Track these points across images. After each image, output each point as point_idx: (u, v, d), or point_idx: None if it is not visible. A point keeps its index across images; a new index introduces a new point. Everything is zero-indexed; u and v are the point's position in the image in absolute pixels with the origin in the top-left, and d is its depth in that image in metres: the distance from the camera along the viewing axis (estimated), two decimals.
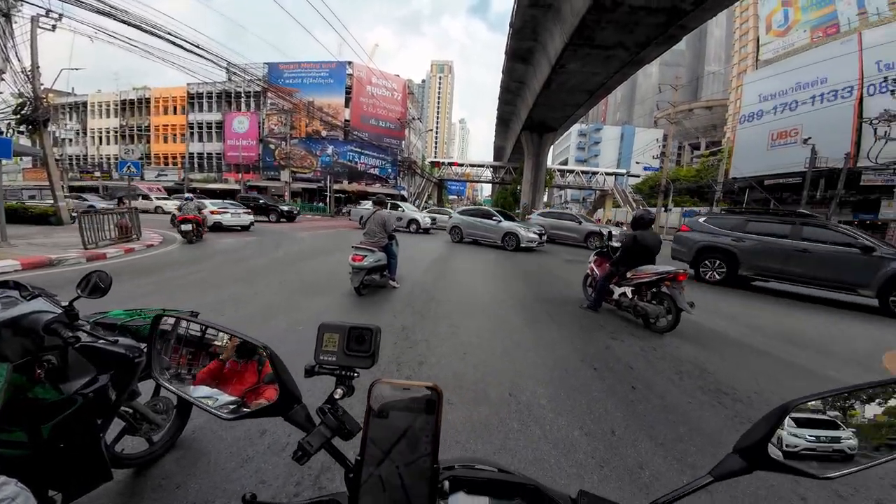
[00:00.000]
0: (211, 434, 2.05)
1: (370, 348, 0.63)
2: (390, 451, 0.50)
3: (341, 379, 0.63)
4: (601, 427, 2.38)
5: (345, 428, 0.58)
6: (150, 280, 5.74)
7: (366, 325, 0.64)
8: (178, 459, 1.86)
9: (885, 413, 0.59)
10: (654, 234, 5.00)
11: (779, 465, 0.51)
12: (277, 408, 0.58)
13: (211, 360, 0.74)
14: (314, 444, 0.54)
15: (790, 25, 33.00)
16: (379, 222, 5.77)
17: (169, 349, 0.76)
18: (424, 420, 0.50)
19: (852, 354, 4.28)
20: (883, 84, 18.45)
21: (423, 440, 0.50)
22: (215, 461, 1.86)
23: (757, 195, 26.87)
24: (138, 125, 42.88)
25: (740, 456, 0.52)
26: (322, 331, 0.64)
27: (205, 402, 0.64)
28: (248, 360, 0.70)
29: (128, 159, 11.36)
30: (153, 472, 1.76)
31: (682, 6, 10.83)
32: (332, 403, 0.60)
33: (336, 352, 0.63)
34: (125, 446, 1.75)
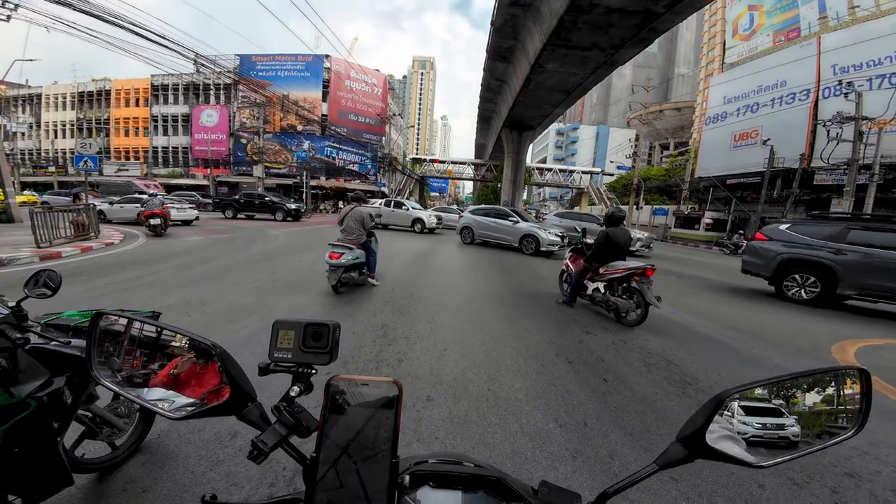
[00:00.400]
0: (178, 438, 1.99)
1: (328, 345, 0.62)
2: (347, 447, 0.49)
3: (298, 376, 0.62)
4: (575, 419, 2.46)
5: (302, 425, 0.57)
6: (109, 280, 5.42)
7: (323, 321, 0.63)
8: (143, 463, 1.80)
9: (824, 401, 0.64)
10: (625, 231, 5.18)
11: (716, 454, 0.53)
12: (229, 406, 0.57)
13: (168, 361, 0.72)
14: (268, 443, 0.53)
15: (755, 29, 34.62)
16: (357, 219, 5.69)
17: (122, 351, 0.74)
18: (383, 415, 0.50)
19: (808, 348, 4.60)
20: (837, 87, 19.61)
21: (382, 435, 0.50)
22: (184, 464, 1.81)
23: (719, 194, 28.26)
24: (97, 118, 40.38)
25: (682, 445, 0.55)
26: (276, 327, 0.63)
27: (160, 405, 0.62)
28: (207, 361, 0.67)
29: (84, 153, 10.66)
30: (117, 476, 1.71)
31: (654, 9, 11.20)
32: (289, 401, 0.59)
33: (291, 349, 0.62)
34: (86, 451, 1.69)
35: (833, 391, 0.62)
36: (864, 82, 20.58)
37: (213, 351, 0.59)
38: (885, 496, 1.91)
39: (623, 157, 53.10)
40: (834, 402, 0.63)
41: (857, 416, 0.60)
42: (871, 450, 2.31)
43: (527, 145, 29.72)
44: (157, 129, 39.04)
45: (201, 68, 25.04)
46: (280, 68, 35.68)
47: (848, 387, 0.64)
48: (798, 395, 0.62)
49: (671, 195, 37.88)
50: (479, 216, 13.67)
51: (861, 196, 17.15)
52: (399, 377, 2.90)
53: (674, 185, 36.74)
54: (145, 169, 37.26)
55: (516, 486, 0.56)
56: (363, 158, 37.07)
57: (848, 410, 0.62)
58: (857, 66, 22.03)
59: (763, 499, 1.82)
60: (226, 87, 36.37)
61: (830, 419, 0.62)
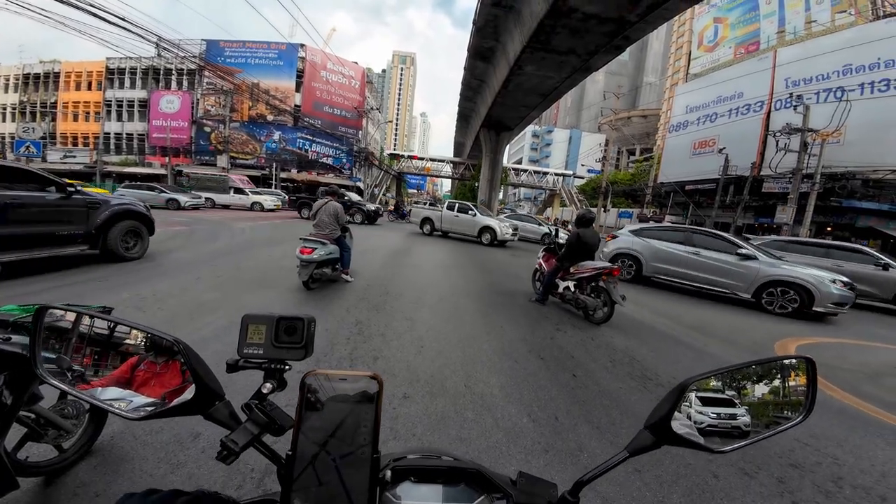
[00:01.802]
0: (134, 440, 1.88)
1: (302, 339, 0.61)
2: (326, 443, 0.48)
3: (270, 372, 0.60)
4: (546, 413, 2.55)
5: (275, 423, 0.55)
6: (52, 274, 4.99)
7: (297, 315, 0.61)
8: (95, 466, 1.69)
9: (770, 392, 0.71)
10: (595, 232, 5.40)
11: (681, 440, 0.57)
12: (195, 405, 0.54)
13: (123, 360, 0.68)
14: (239, 442, 0.51)
15: (718, 41, 36.66)
16: (331, 213, 5.55)
17: (70, 348, 0.69)
18: (363, 410, 0.50)
19: (751, 344, 4.99)
20: (788, 100, 21.11)
21: (361, 430, 0.49)
22: (140, 467, 1.72)
23: (679, 198, 29.92)
24: (43, 102, 37.07)
25: (650, 432, 0.58)
26: (246, 322, 0.61)
27: (115, 405, 0.58)
28: (168, 359, 0.64)
29: (27, 138, 9.77)
30: (66, 480, 1.60)
31: (628, 17, 11.66)
32: (261, 398, 0.57)
33: (263, 344, 0.60)
34: (30, 454, 1.57)
35: (780, 381, 0.68)
36: (812, 95, 22.22)
37: (176, 347, 0.56)
38: (827, 486, 2.08)
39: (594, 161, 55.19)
40: (781, 391, 0.68)
41: (804, 403, 0.66)
42: (811, 441, 2.52)
43: (504, 146, 30.11)
44: (110, 115, 36.30)
45: (164, 52, 23.54)
46: (251, 56, 34.09)
47: (792, 378, 0.71)
48: (749, 386, 0.67)
49: (636, 199, 39.70)
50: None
51: (803, 203, 18.67)
52: None
53: (639, 189, 38.51)
54: (94, 156, 34.50)
55: (495, 478, 0.57)
56: (338, 152, 36.17)
57: (795, 399, 0.68)
58: (808, 79, 23.72)
59: (717, 488, 1.96)
60: (190, 72, 34.30)
61: (779, 408, 0.68)
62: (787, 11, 30.78)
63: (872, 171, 19.88)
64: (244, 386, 2.17)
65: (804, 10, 29.62)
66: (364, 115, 38.23)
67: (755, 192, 23.84)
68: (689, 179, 29.29)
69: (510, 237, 14.72)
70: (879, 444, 2.61)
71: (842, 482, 2.14)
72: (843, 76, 21.92)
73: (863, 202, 20.32)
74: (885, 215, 20.22)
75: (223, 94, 33.38)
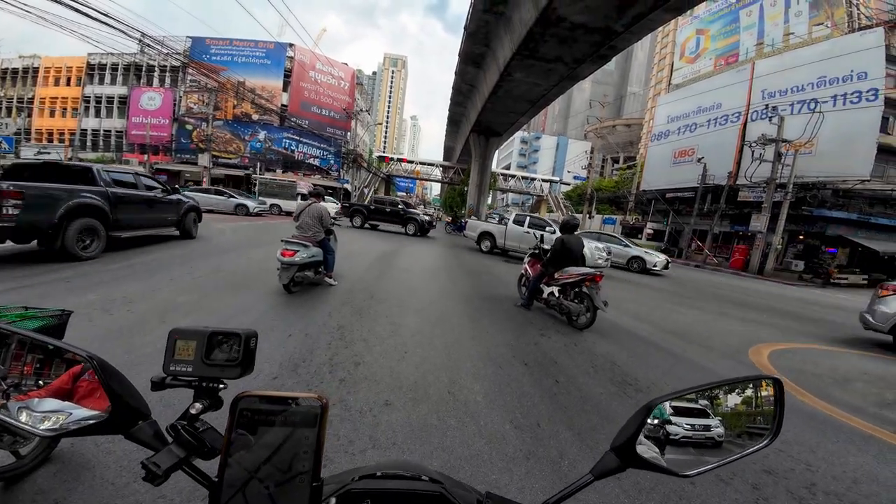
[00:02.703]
0: (95, 447, 1.80)
1: (238, 356, 0.57)
2: (258, 469, 0.45)
3: (201, 391, 0.57)
4: (529, 420, 2.54)
5: (206, 446, 0.51)
6: (16, 273, 4.73)
7: (231, 330, 0.58)
8: (55, 473, 1.63)
9: (743, 403, 0.70)
10: (578, 238, 5.48)
11: (647, 464, 0.55)
12: (112, 424, 0.50)
13: (67, 368, 0.64)
14: (162, 465, 0.47)
15: (700, 53, 37.75)
16: (315, 216, 5.46)
17: (9, 356, 0.65)
18: (303, 434, 0.47)
19: (726, 349, 5.12)
20: (764, 111, 21.82)
21: (300, 457, 0.46)
22: (102, 475, 1.65)
23: (660, 206, 30.68)
24: (19, 97, 35.64)
25: (615, 454, 0.56)
26: (173, 337, 0.57)
27: (53, 418, 0.54)
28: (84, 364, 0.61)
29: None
30: (24, 486, 1.54)
31: (614, 27, 11.96)
32: (189, 419, 0.53)
33: (192, 361, 0.56)
34: None
35: (751, 398, 0.68)
36: (787, 107, 22.89)
37: (89, 363, 0.52)
38: (800, 493, 2.12)
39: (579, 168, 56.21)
40: (753, 401, 0.68)
41: (771, 425, 0.65)
42: (784, 448, 2.56)
43: (493, 151, 30.40)
44: (88, 111, 35.09)
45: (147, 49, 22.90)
46: (237, 54, 33.48)
47: (764, 388, 0.70)
48: (721, 397, 0.66)
49: (619, 206, 40.54)
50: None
51: (777, 212, 19.38)
52: (356, 381, 2.83)
53: (622, 196, 39.36)
54: (70, 152, 33.23)
55: (459, 500, 0.54)
56: (325, 153, 35.77)
57: (768, 409, 0.67)
58: (783, 91, 24.41)
59: (694, 495, 1.98)
60: (173, 69, 33.45)
61: (752, 418, 0.67)
62: (766, 24, 31.86)
63: (842, 181, 20.77)
64: None
65: (783, 23, 30.68)
66: (353, 117, 37.96)
67: (731, 200, 24.61)
68: (669, 187, 30.04)
69: (603, 263, 10.84)
70: (850, 450, 2.68)
71: (815, 488, 2.18)
72: (818, 88, 22.59)
73: (832, 211, 21.20)
74: (854, 224, 21.15)
75: (207, 92, 32.63)
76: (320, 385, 2.72)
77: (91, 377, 0.62)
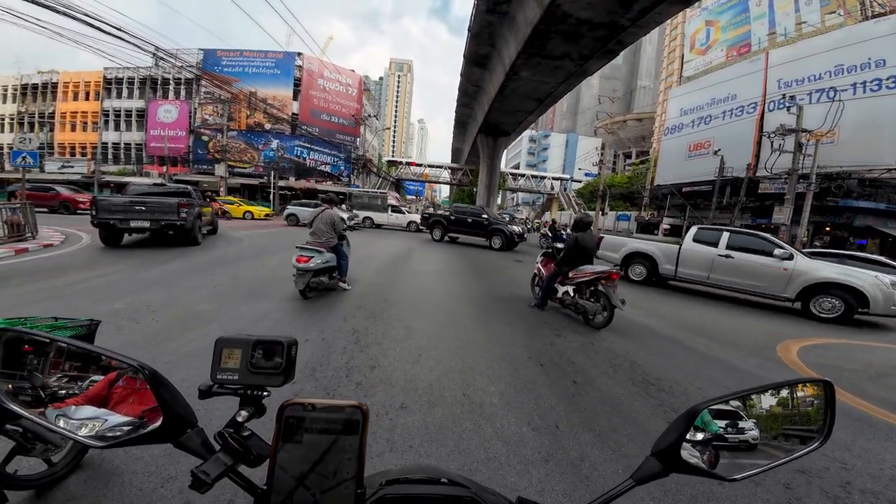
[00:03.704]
0: (124, 453, 1.83)
1: (282, 364, 0.57)
2: (304, 477, 0.46)
3: (247, 399, 0.57)
4: (546, 422, 2.49)
5: (252, 454, 0.52)
6: (45, 284, 4.93)
7: (275, 338, 0.58)
8: (85, 480, 1.67)
9: (779, 404, 0.67)
10: (592, 236, 5.37)
11: (692, 468, 0.54)
12: (163, 433, 0.51)
13: (104, 374, 0.65)
14: (211, 473, 0.48)
15: (710, 44, 37.01)
16: (327, 222, 5.53)
17: (47, 364, 0.67)
18: (346, 442, 0.47)
19: (754, 346, 4.94)
20: (781, 101, 21.22)
21: (344, 464, 0.47)
22: (131, 481, 1.69)
23: (676, 201, 30.01)
24: (41, 112, 37.16)
25: (657, 459, 0.55)
26: (220, 345, 0.57)
27: (90, 425, 0.55)
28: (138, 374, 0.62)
29: (23, 149, 9.70)
30: (56, 493, 1.58)
31: (620, 22, 11.80)
32: (235, 427, 0.54)
33: (238, 369, 0.57)
34: (19, 467, 1.53)
35: (787, 399, 0.65)
36: (805, 96, 22.28)
37: (141, 373, 0.53)
38: (835, 492, 2.04)
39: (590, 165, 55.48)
40: (790, 402, 0.65)
41: (821, 428, 0.62)
42: None
43: (501, 151, 30.31)
44: (108, 124, 36.39)
45: (161, 62, 23.67)
46: (248, 64, 34.28)
47: (800, 389, 0.67)
48: (753, 398, 0.64)
49: (633, 202, 39.79)
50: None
51: (800, 204, 18.72)
52: (371, 385, 2.83)
53: (636, 192, 38.63)
54: (92, 166, 34.52)
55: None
56: (336, 159, 36.25)
57: (804, 411, 0.65)
58: (800, 80, 23.80)
59: (723, 496, 1.91)
60: (187, 81, 34.46)
61: (788, 419, 0.64)
62: (777, 13, 31.13)
63: (868, 170, 19.96)
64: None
65: (794, 12, 29.93)
66: (361, 123, 38.38)
67: (751, 192, 23.91)
68: (685, 181, 29.36)
69: None
70: (887, 447, 2.56)
71: (850, 487, 2.09)
72: (835, 76, 21.96)
73: (859, 201, 20.35)
74: (883, 214, 20.26)
75: (221, 103, 33.49)
76: (338, 389, 2.74)
77: (126, 384, 0.63)
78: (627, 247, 9.41)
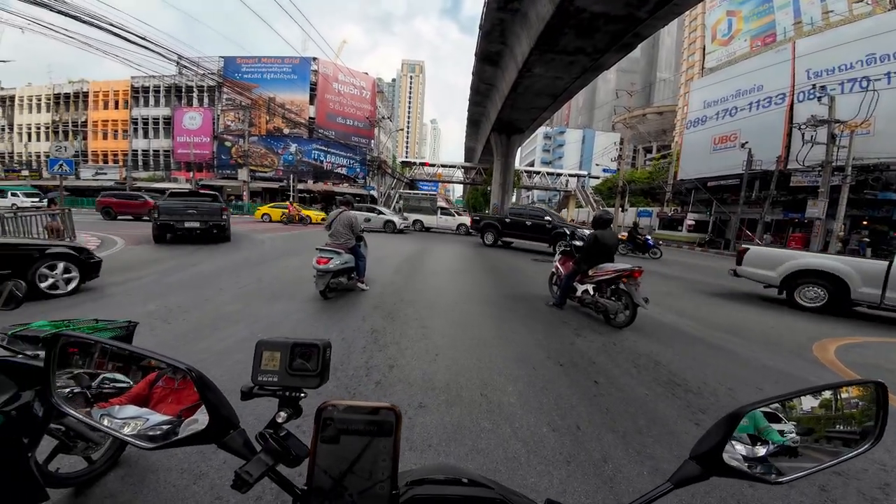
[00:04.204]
0: (159, 451, 1.90)
1: (317, 366, 0.58)
2: (342, 478, 0.47)
3: (285, 401, 0.58)
4: (567, 422, 2.45)
5: (290, 454, 0.53)
6: (84, 287, 5.21)
7: (311, 341, 0.59)
8: (123, 477, 1.73)
9: (822, 406, 0.63)
10: (613, 233, 5.25)
11: (734, 472, 0.53)
12: (209, 434, 0.53)
13: (144, 375, 0.68)
14: (253, 474, 0.50)
15: (733, 35, 35.60)
16: (346, 223, 5.62)
17: (92, 364, 0.69)
18: (381, 443, 0.48)
19: (789, 346, 4.72)
20: (811, 91, 20.34)
21: (379, 465, 0.47)
22: (165, 478, 1.75)
23: (701, 196, 28.98)
24: (74, 121, 39.17)
25: (697, 462, 0.54)
26: (260, 348, 0.59)
27: (132, 424, 0.58)
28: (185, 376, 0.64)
29: (60, 157, 10.26)
30: (95, 491, 1.64)
31: (637, 14, 11.47)
32: (275, 428, 0.56)
33: (277, 371, 0.58)
34: (61, 465, 1.61)
35: (830, 401, 0.62)
36: (836, 86, 21.21)
37: (189, 375, 0.55)
38: (873, 494, 1.94)
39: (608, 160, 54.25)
40: (833, 405, 0.62)
41: (870, 430, 0.60)
42: None
43: (515, 148, 29.99)
44: (136, 132, 38.08)
45: (184, 70, 24.61)
46: (266, 71, 35.23)
47: (844, 391, 0.63)
48: (793, 399, 0.62)
49: (655, 197, 38.69)
50: None
51: (835, 197, 17.76)
52: (391, 383, 2.86)
53: (657, 187, 37.53)
54: (124, 172, 36.22)
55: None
56: (352, 161, 36.79)
57: (848, 413, 0.62)
58: (830, 70, 22.76)
59: (755, 498, 1.84)
60: (209, 89, 35.69)
61: (831, 423, 0.62)
62: (801, 2, 29.74)
63: None
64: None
65: (819, 1, 28.53)
66: (375, 125, 38.81)
67: (783, 186, 22.85)
68: (710, 176, 28.35)
69: None
70: None
71: (889, 489, 1.99)
72: (868, 65, 20.87)
73: None
74: None
75: (241, 109, 34.53)
76: (358, 388, 2.77)
77: (164, 384, 0.66)
78: (796, 262, 7.01)
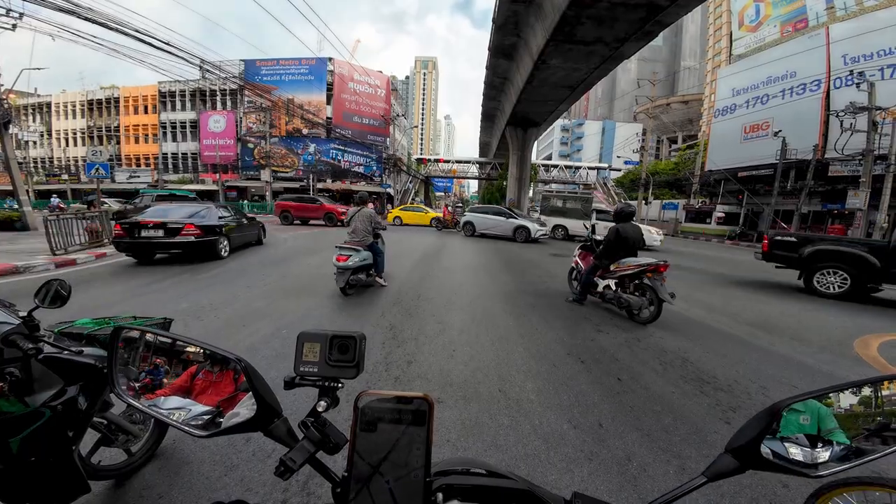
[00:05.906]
0: (193, 443, 2.01)
1: (354, 357, 0.60)
2: (379, 465, 0.48)
3: (324, 390, 0.61)
4: (589, 420, 2.42)
5: (330, 441, 0.56)
6: (122, 286, 5.51)
7: (349, 333, 0.61)
8: (159, 469, 1.82)
9: (861, 403, 0.61)
10: (636, 227, 5.10)
11: (772, 465, 0.52)
12: (256, 423, 0.56)
13: (184, 368, 0.71)
14: (297, 461, 0.52)
15: (761, 20, 33.89)
16: (365, 220, 5.71)
17: (137, 358, 0.73)
18: (415, 432, 0.49)
19: (826, 342, 4.47)
20: (849, 77, 19.17)
21: (414, 453, 0.49)
22: (198, 470, 1.83)
23: (731, 187, 27.74)
24: (107, 126, 41.25)
25: (733, 455, 0.53)
26: (302, 340, 0.61)
27: (177, 414, 0.62)
28: (222, 368, 0.67)
29: (96, 161, 10.83)
30: (134, 483, 1.73)
31: (658, 2, 11.01)
32: (316, 416, 0.58)
33: (318, 362, 0.60)
34: (102, 458, 1.70)
35: (881, 400, 0.60)
36: (875, 72, 19.99)
37: (238, 365, 0.58)
38: None
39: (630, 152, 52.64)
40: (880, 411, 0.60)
41: None
42: None
43: (532, 142, 29.47)
44: (165, 136, 39.74)
45: (207, 74, 25.44)
46: (284, 72, 35.99)
47: (886, 387, 0.60)
48: (831, 396, 0.59)
49: (681, 189, 37.25)
50: None
51: (878, 186, 16.66)
52: (409, 379, 2.89)
53: (683, 179, 36.13)
54: (155, 175, 37.91)
55: (547, 498, 0.53)
56: (368, 160, 37.21)
57: (889, 410, 0.59)
58: (868, 55, 21.50)
59: (787, 499, 1.77)
60: (232, 92, 36.79)
61: (870, 419, 0.59)
62: None
63: None
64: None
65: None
66: (390, 122, 39.05)
67: (820, 176, 21.59)
68: (741, 166, 27.09)
69: None
70: None
71: None
72: None
73: None
74: None
75: (262, 112, 35.47)
76: (378, 383, 2.83)
77: (204, 376, 0.70)
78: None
